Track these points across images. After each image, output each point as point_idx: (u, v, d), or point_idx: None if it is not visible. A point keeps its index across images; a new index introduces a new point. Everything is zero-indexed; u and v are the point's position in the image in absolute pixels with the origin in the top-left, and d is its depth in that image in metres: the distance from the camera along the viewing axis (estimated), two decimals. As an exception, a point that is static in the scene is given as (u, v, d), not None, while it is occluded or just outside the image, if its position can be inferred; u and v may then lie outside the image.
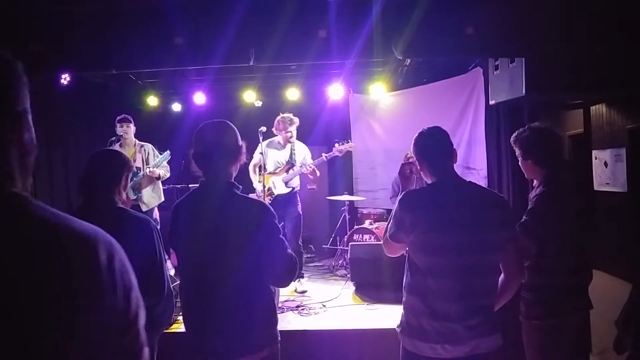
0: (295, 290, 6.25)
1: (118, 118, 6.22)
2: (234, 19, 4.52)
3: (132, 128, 6.24)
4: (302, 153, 6.54)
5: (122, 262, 1.06)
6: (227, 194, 2.59)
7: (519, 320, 3.22)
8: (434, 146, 2.70)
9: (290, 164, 6.43)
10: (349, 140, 6.78)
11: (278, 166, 6.40)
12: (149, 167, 6.13)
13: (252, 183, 6.37)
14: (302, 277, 6.57)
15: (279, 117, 6.43)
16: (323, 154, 6.60)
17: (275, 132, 6.43)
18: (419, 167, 2.76)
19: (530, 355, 3.15)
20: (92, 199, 2.76)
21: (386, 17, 4.45)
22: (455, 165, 2.74)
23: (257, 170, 6.44)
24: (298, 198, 6.57)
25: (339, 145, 6.67)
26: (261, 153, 6.16)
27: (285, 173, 6.39)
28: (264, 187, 5.96)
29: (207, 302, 2.54)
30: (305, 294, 6.18)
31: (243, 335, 2.54)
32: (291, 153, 6.46)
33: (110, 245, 1.06)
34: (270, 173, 6.41)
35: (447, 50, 4.58)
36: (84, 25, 4.71)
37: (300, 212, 6.51)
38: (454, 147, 2.77)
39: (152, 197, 6.27)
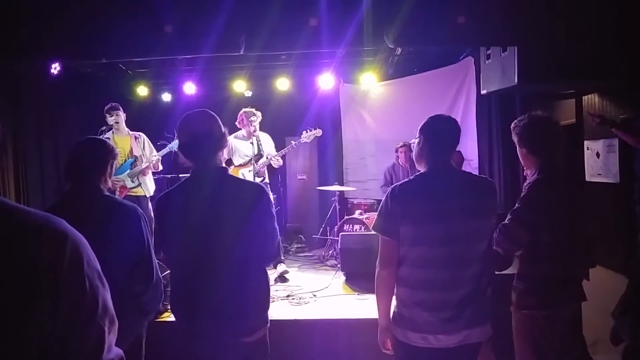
0: (276, 279, 6.25)
1: (106, 108, 6.17)
2: (224, 7, 4.48)
3: (122, 116, 6.20)
4: (268, 144, 6.60)
5: (89, 260, 1.02)
6: (220, 179, 2.62)
7: (509, 310, 3.22)
8: (443, 135, 2.68)
9: (259, 155, 6.44)
10: (316, 128, 6.82)
11: (246, 159, 6.39)
12: (156, 156, 6.18)
13: None
14: (283, 262, 6.56)
15: (241, 112, 6.49)
16: (292, 141, 6.69)
17: (238, 125, 6.47)
18: (419, 148, 2.72)
19: (518, 345, 3.13)
20: (77, 187, 2.74)
21: (377, 6, 4.43)
22: None
23: (226, 164, 6.47)
24: (268, 189, 6.56)
25: (307, 132, 6.78)
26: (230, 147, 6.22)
27: (255, 164, 6.38)
28: None
29: (203, 286, 2.56)
30: (296, 283, 6.17)
31: (244, 316, 2.58)
32: (258, 145, 6.47)
33: (79, 242, 1.01)
34: (238, 166, 6.41)
35: (439, 39, 4.57)
36: (73, 13, 4.66)
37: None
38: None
39: (151, 184, 6.33)
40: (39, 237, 0.95)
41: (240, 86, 8.51)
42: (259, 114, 6.45)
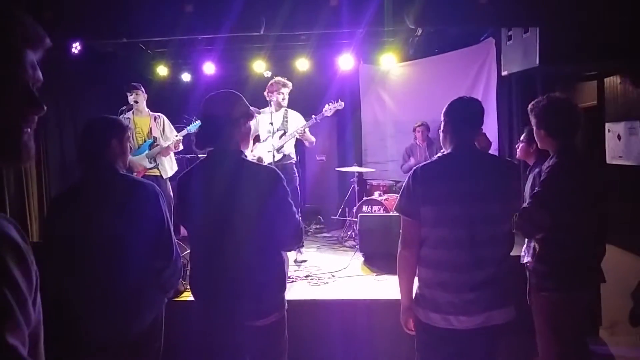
0: (295, 261, 6.21)
1: (126, 87, 6.19)
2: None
3: (142, 96, 6.18)
4: (296, 122, 6.24)
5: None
6: (237, 163, 2.63)
7: (523, 291, 3.21)
8: (465, 116, 2.68)
9: (282, 131, 6.15)
10: (338, 100, 6.38)
11: (269, 134, 6.18)
12: (177, 136, 6.15)
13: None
14: (302, 246, 6.48)
15: (272, 80, 6.13)
16: (313, 116, 6.29)
17: (267, 95, 6.07)
18: (442, 131, 2.73)
19: (539, 327, 3.13)
20: (91, 169, 2.75)
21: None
22: None
23: (252, 141, 6.32)
24: (295, 169, 6.31)
25: (329, 105, 6.33)
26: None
27: (278, 140, 6.21)
28: (255, 157, 5.94)
29: (221, 268, 2.59)
30: (312, 264, 6.17)
31: (255, 300, 2.60)
32: (283, 120, 6.20)
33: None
34: (263, 142, 6.27)
35: (460, 19, 4.52)
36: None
37: (297, 186, 6.24)
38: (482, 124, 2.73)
39: (170, 167, 6.33)
40: None
41: (259, 66, 8.48)
42: (289, 83, 6.13)
